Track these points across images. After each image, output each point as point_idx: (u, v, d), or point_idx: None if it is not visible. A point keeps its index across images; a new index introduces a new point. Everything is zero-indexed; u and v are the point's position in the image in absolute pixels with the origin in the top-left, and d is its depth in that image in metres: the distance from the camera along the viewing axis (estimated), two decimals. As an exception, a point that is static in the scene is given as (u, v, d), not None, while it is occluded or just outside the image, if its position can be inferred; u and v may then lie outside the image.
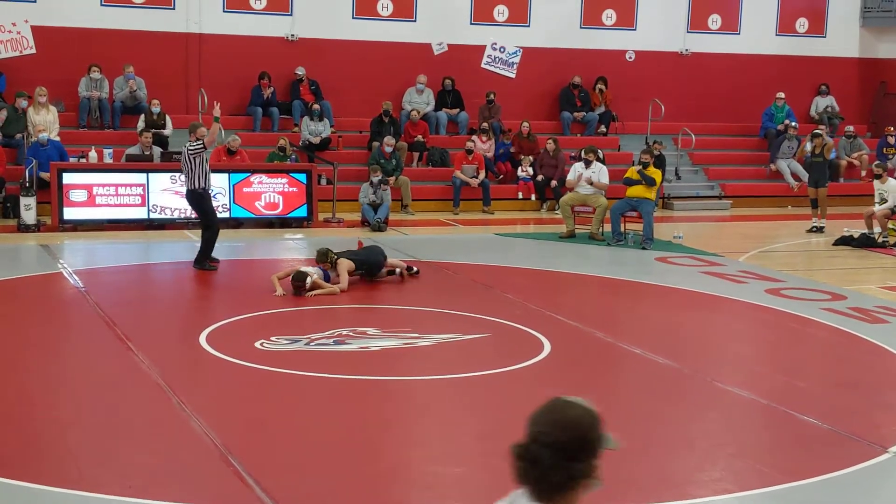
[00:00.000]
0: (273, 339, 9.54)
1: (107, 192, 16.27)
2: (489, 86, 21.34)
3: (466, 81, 21.39)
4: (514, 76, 22.12)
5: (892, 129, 22.35)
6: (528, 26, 22.19)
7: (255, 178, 17.01)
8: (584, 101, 22.15)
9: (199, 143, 12.88)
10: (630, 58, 22.90)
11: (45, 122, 17.79)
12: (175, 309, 11.15)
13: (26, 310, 10.79)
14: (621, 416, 7.97)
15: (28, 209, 15.80)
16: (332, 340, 9.57)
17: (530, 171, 19.83)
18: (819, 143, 18.29)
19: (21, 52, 19.16)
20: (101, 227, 16.07)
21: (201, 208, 13.12)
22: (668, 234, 16.55)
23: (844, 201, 20.58)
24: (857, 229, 16.74)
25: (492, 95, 21.04)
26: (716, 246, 16.03)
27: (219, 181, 16.74)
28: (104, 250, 14.76)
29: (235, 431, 7.20)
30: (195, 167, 12.84)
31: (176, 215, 16.48)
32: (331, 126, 19.89)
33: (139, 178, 16.35)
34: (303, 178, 17.29)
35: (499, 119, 20.95)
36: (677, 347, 9.84)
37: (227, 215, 16.73)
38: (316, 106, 19.70)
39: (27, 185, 15.96)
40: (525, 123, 20.47)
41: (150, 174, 16.47)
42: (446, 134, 21.13)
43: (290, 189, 17.18)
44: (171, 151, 17.49)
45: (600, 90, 22.21)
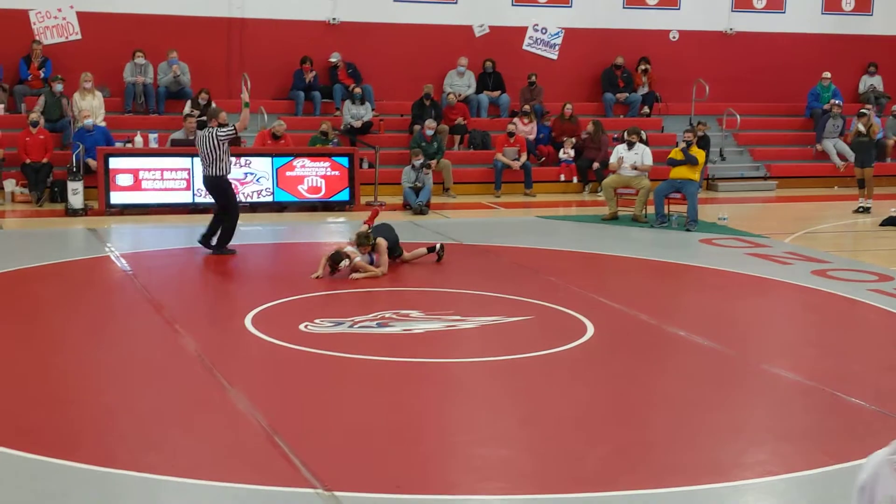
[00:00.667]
0: (317, 321, 9.60)
1: (152, 177, 16.42)
2: (531, 68, 21.25)
3: (508, 64, 21.31)
4: (555, 58, 22.00)
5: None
6: (570, 7, 22.05)
7: (298, 162, 17.09)
8: (627, 82, 21.99)
9: (230, 129, 12.85)
10: (674, 38, 22.70)
11: (91, 107, 17.96)
12: (220, 292, 11.25)
13: (74, 293, 10.93)
14: (667, 399, 7.95)
15: (75, 193, 15.99)
16: (376, 323, 9.61)
17: (572, 153, 19.75)
18: (865, 122, 18.07)
19: (67, 37, 19.35)
20: (146, 210, 16.24)
21: (226, 195, 13.02)
22: (713, 216, 16.42)
23: (892, 181, 20.30)
24: (904, 210, 16.55)
25: (533, 77, 20.95)
26: (761, 227, 15.89)
27: (262, 165, 16.87)
28: (150, 234, 14.92)
29: (281, 413, 7.26)
30: (221, 153, 12.69)
31: (220, 199, 16.58)
32: (372, 109, 19.91)
33: (184, 162, 16.48)
34: (345, 161, 17.34)
35: (540, 101, 20.86)
36: (723, 330, 9.78)
37: (270, 199, 16.85)
38: (357, 90, 19.73)
39: (74, 169, 16.15)
40: (568, 105, 20.37)
41: (195, 158, 16.54)
42: (488, 117, 21.09)
43: (333, 173, 17.24)
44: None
45: (644, 70, 22.05)
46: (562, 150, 19.85)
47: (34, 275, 11.71)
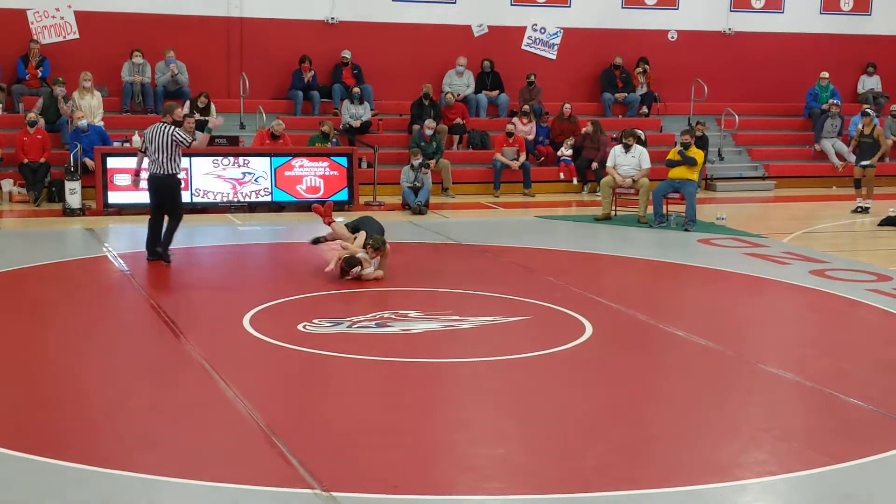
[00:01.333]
0: (315, 321, 9.59)
1: (150, 177, 16.37)
2: (530, 67, 21.26)
3: (507, 63, 21.32)
4: (554, 57, 22.01)
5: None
6: (569, 7, 22.06)
7: (297, 162, 17.08)
8: (626, 82, 21.99)
9: (186, 138, 12.17)
10: (672, 37, 22.71)
11: (90, 106, 17.97)
12: (218, 292, 11.23)
13: (72, 293, 10.92)
14: (665, 399, 7.95)
15: (73, 193, 15.98)
16: (375, 323, 9.60)
17: (570, 152, 19.73)
18: (868, 122, 18.09)
19: (65, 37, 19.34)
20: (144, 210, 16.14)
21: (175, 196, 12.32)
22: (711, 216, 16.42)
23: (890, 181, 20.30)
24: (903, 210, 16.55)
25: (532, 77, 20.94)
26: (759, 227, 15.89)
27: (260, 165, 16.86)
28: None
29: (280, 413, 7.25)
30: (173, 152, 12.06)
31: (219, 199, 16.59)
32: (371, 109, 19.90)
33: (182, 162, 16.37)
34: (343, 161, 17.33)
35: (539, 101, 20.86)
36: (721, 330, 9.78)
37: (268, 199, 16.85)
38: (356, 89, 19.72)
39: (72, 169, 16.14)
40: (566, 105, 20.37)
41: (193, 158, 16.55)
42: (486, 116, 21.08)
43: (331, 173, 17.23)
44: (213, 136, 17.59)
45: (643, 71, 22.04)
46: (560, 150, 19.84)
47: (32, 275, 11.71)
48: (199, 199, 16.56)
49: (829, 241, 15.27)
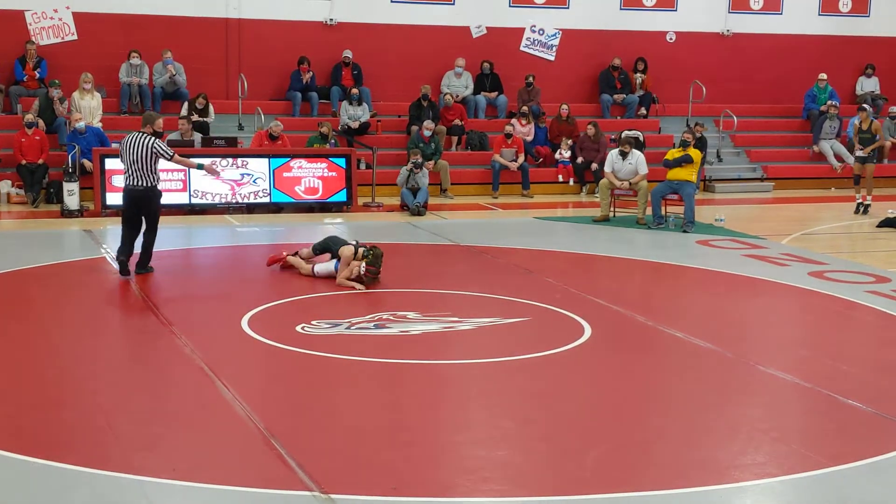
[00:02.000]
0: (314, 322, 9.59)
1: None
2: (528, 69, 21.26)
3: (505, 64, 21.32)
4: (553, 59, 22.01)
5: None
6: (568, 8, 22.06)
7: (295, 163, 17.07)
8: (624, 84, 22.00)
9: (168, 150, 11.46)
10: (671, 39, 22.71)
11: (90, 107, 17.97)
12: (216, 293, 11.22)
13: (70, 295, 10.91)
14: (664, 401, 7.94)
15: (71, 195, 15.97)
16: (373, 324, 9.60)
17: (568, 154, 19.72)
18: (864, 117, 18.09)
19: (62, 38, 19.33)
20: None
21: (155, 210, 11.64)
22: (710, 217, 16.42)
23: (888, 182, 20.30)
24: (901, 211, 16.56)
25: (531, 78, 20.94)
26: (758, 228, 15.89)
27: (259, 166, 16.85)
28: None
29: (278, 415, 7.24)
30: (152, 163, 11.34)
31: (217, 200, 16.58)
32: (369, 110, 19.90)
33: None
34: (342, 162, 17.32)
35: (538, 102, 20.86)
36: (719, 331, 9.78)
37: (267, 200, 16.84)
38: (354, 90, 19.72)
39: (70, 170, 16.12)
40: (564, 106, 20.37)
41: (192, 159, 16.53)
42: (485, 117, 21.08)
43: (330, 174, 17.22)
44: (211, 137, 17.60)
45: (641, 70, 22.04)
46: (559, 152, 19.84)
47: (30, 276, 11.69)
48: (198, 201, 16.54)
49: (827, 242, 15.28)
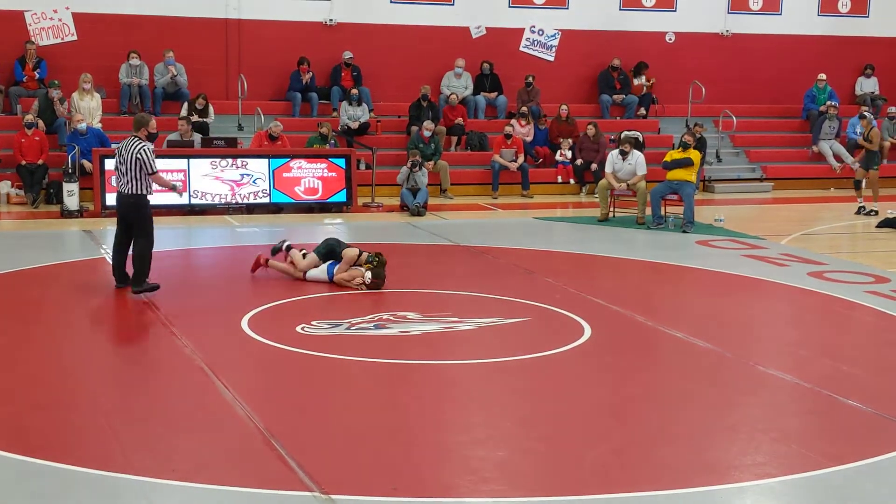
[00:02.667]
0: (314, 323, 9.59)
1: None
2: (528, 69, 21.26)
3: (505, 65, 21.33)
4: (552, 59, 22.02)
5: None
6: (567, 8, 22.07)
7: (295, 164, 17.08)
8: (624, 84, 22.00)
9: (153, 164, 10.82)
10: (670, 39, 22.72)
11: (89, 108, 17.96)
12: (216, 293, 11.22)
13: (70, 295, 10.90)
14: (664, 401, 7.95)
15: (71, 195, 15.97)
16: (373, 325, 9.60)
17: (568, 154, 19.74)
18: (866, 125, 18.10)
19: (62, 38, 19.33)
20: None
21: (146, 218, 11.02)
22: (709, 217, 16.42)
23: (886, 183, 20.31)
24: (901, 212, 16.57)
25: (530, 79, 20.95)
26: (757, 229, 15.89)
27: (259, 166, 16.86)
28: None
29: (278, 415, 7.24)
30: (141, 170, 10.77)
31: (217, 201, 16.58)
32: (369, 111, 19.90)
33: (180, 163, 16.45)
34: (342, 162, 17.33)
35: (538, 102, 20.86)
36: (719, 331, 9.78)
37: (266, 201, 16.85)
38: (354, 91, 19.72)
39: (70, 171, 16.13)
40: (563, 107, 20.37)
41: (191, 160, 16.57)
42: (485, 118, 21.08)
43: (330, 174, 17.22)
44: (211, 137, 17.61)
45: (640, 73, 22.04)
46: (558, 152, 19.84)
47: (30, 277, 11.70)
48: (198, 201, 16.55)
49: (827, 242, 15.28)
